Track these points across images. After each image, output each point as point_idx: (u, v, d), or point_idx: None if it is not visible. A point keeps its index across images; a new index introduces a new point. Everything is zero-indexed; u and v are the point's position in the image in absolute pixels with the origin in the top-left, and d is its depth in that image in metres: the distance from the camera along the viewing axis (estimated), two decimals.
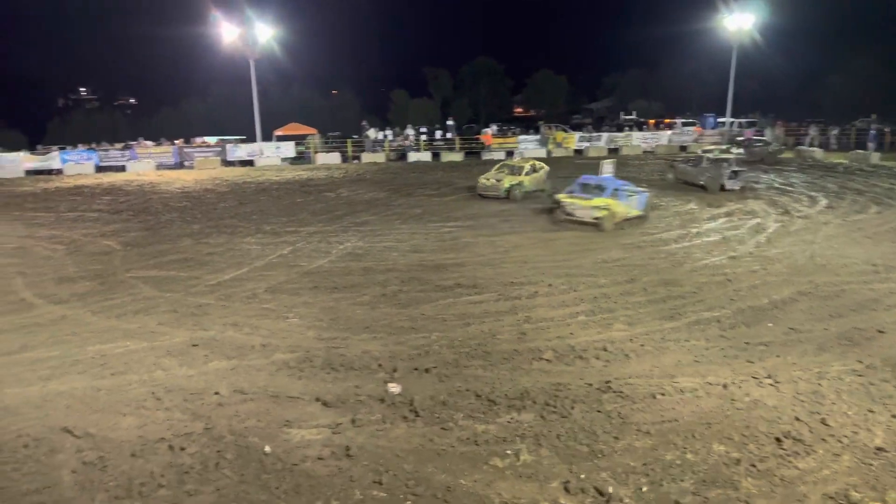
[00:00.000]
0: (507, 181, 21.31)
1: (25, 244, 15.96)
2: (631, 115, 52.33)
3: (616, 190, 16.64)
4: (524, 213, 18.55)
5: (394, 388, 7.21)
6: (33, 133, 51.87)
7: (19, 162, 34.38)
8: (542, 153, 37.53)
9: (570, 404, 6.74)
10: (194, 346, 8.68)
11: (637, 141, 40.35)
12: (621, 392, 7.02)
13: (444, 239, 15.45)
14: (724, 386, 7.15)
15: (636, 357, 8.05)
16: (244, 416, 6.65)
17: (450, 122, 44.92)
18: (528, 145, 38.96)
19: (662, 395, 6.96)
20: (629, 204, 16.71)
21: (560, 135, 40.29)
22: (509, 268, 12.50)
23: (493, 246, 14.47)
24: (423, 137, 41.02)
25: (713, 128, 44.25)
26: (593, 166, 27.88)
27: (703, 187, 22.03)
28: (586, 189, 17.15)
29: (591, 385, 7.21)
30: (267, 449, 5.95)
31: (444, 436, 6.17)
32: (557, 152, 38.15)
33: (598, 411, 6.61)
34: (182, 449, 5.99)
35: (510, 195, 20.91)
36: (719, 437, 6.07)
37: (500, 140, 39.87)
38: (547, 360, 7.95)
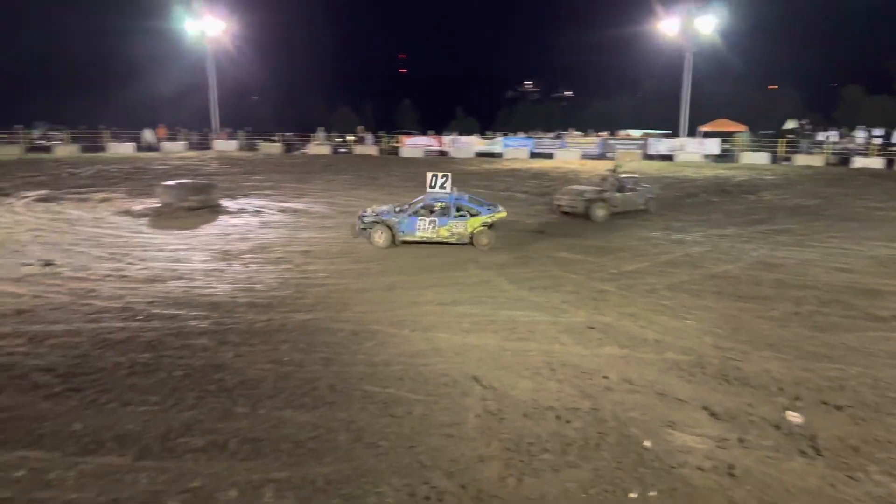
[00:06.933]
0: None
1: None
2: None
3: None
4: None
5: (794, 417, 6.49)
6: (484, 120, 60.14)
7: (472, 145, 40.48)
8: None
9: None
10: (590, 328, 9.11)
11: None
12: None
13: (886, 261, 13.09)
14: None
15: None
16: (629, 405, 6.76)
17: None
18: None
19: None
20: None
21: None
22: None
23: None
24: (878, 140, 35.08)
25: None
26: None
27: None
28: None
29: None
30: (647, 444, 5.97)
31: (851, 486, 5.33)
32: None
33: None
34: (568, 422, 6.39)
35: None
36: None
37: None
38: None
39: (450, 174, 15.22)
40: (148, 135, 41.02)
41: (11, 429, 6.18)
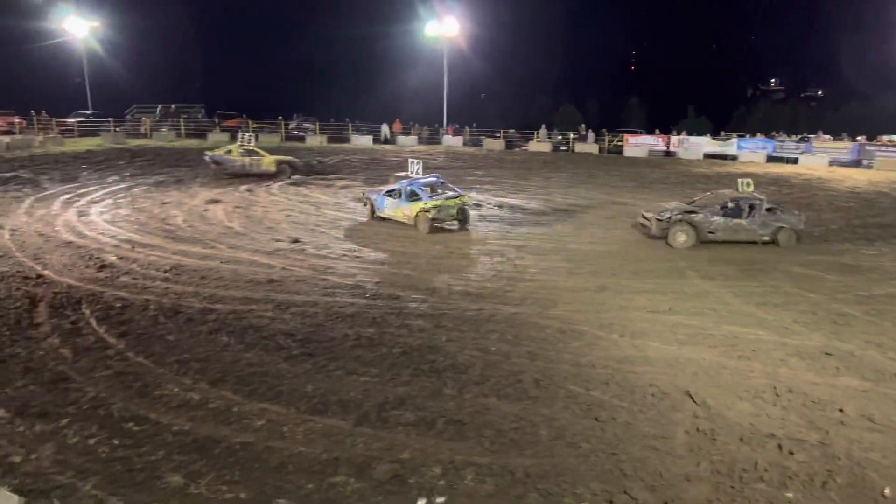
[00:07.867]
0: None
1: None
2: None
3: None
4: None
5: None
6: (718, 120, 55.92)
7: (701, 146, 38.02)
8: None
9: None
10: (827, 354, 8.17)
11: None
12: None
13: None
14: None
15: None
16: (867, 445, 5.98)
17: None
18: None
19: None
20: None
21: None
22: None
23: None
24: None
25: None
26: None
27: None
28: None
29: None
30: (886, 491, 5.24)
31: None
32: None
33: None
34: (791, 453, 5.82)
35: None
36: None
37: None
38: None
39: (422, 161, 17.02)
40: (385, 129, 44.35)
41: (257, 382, 7.13)
